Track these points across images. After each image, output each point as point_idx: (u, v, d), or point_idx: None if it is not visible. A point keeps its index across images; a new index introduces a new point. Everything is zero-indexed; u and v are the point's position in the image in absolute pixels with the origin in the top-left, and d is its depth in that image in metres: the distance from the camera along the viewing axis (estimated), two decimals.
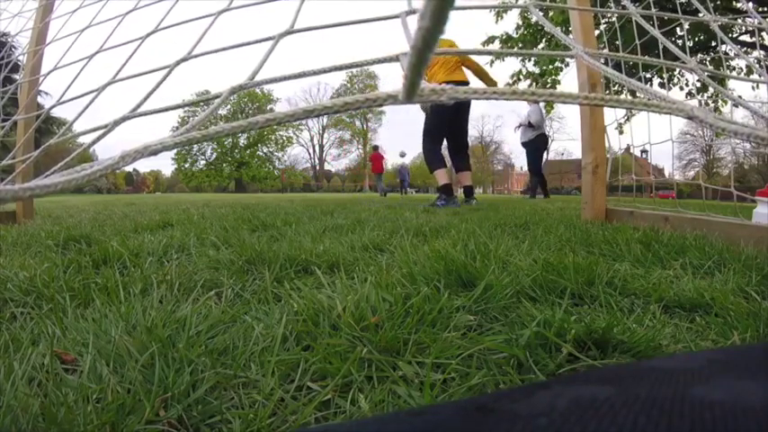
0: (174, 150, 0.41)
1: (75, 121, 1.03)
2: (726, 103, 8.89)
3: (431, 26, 0.19)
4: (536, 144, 7.30)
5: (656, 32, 0.92)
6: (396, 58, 0.54)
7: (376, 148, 16.70)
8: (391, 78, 42.44)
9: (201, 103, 0.75)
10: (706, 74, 0.71)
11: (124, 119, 0.62)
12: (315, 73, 0.62)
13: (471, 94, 0.30)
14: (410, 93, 0.26)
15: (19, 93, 2.21)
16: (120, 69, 0.94)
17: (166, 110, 0.65)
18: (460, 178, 4.33)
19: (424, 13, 0.19)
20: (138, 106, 0.69)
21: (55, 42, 1.66)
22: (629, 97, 0.34)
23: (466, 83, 4.04)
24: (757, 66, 1.10)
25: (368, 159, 17.11)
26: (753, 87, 8.80)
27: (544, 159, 8.48)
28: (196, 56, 0.79)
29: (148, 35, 0.98)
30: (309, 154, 46.31)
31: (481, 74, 4.15)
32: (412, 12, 0.72)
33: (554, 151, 42.80)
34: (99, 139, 0.62)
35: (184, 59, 0.77)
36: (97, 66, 1.12)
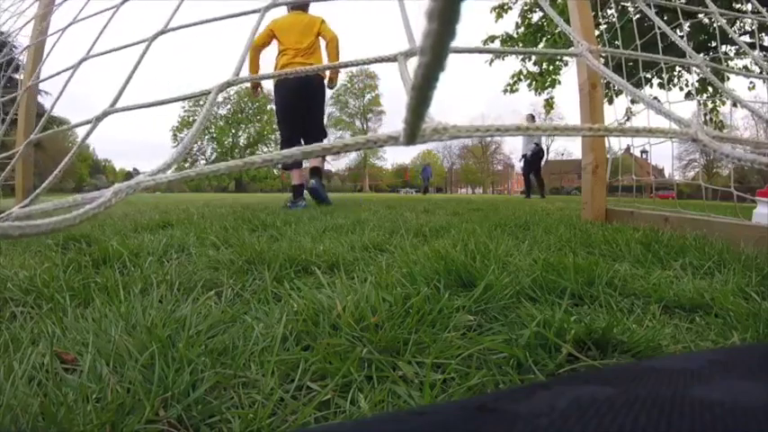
0: (174, 150, 0.41)
1: (54, 105, 1.04)
2: (724, 103, 8.91)
3: (431, 62, 0.17)
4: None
5: (661, 24, 0.91)
6: (393, 59, 0.54)
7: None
8: (391, 78, 42.40)
9: (191, 100, 0.75)
10: (710, 71, 0.71)
11: (105, 114, 0.62)
12: (306, 72, 0.62)
13: (474, 132, 0.30)
14: (411, 136, 0.25)
15: (19, 92, 2.21)
16: (92, 45, 0.94)
17: (150, 105, 0.65)
18: (311, 162, 3.91)
19: (425, 49, 0.17)
20: (120, 93, 0.69)
21: (54, 41, 1.66)
22: (629, 100, 0.34)
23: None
24: (761, 62, 1.09)
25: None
26: (748, 88, 8.85)
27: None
28: (174, 29, 0.80)
29: (124, 2, 0.98)
30: None
31: (332, 53, 3.66)
32: None
33: (554, 151, 42.94)
34: (87, 136, 0.62)
35: (162, 32, 0.77)
36: (97, 63, 1.12)
